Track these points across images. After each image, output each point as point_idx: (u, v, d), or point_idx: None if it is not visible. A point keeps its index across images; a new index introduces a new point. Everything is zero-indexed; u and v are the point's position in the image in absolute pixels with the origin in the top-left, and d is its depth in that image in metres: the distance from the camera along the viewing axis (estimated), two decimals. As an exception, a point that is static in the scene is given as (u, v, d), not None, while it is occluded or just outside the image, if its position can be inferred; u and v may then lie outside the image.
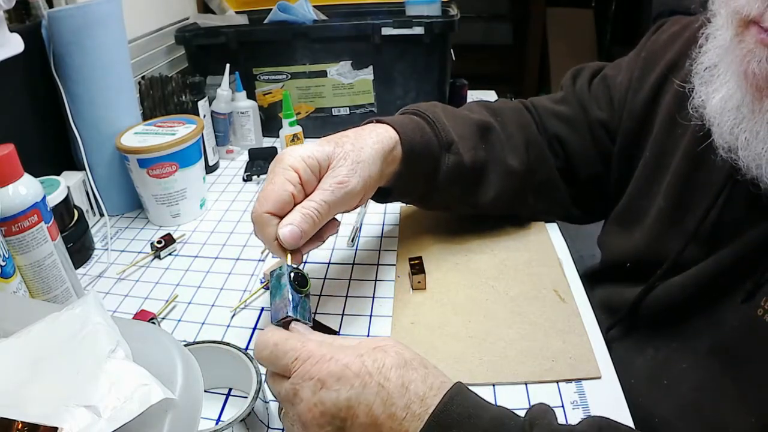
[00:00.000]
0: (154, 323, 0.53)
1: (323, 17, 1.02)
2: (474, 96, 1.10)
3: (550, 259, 0.60)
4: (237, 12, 1.12)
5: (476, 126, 0.60)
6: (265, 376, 0.40)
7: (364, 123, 0.56)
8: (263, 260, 0.64)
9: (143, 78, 0.85)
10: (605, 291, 0.60)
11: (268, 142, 0.98)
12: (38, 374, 0.29)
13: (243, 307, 0.56)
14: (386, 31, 0.90)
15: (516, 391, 0.45)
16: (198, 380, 0.32)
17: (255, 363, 0.43)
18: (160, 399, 0.28)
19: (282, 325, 0.41)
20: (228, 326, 0.54)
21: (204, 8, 1.17)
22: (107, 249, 0.68)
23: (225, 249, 0.67)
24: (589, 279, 0.63)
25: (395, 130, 0.54)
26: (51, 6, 0.73)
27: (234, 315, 0.55)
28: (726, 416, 0.42)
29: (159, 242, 0.66)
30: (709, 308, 0.46)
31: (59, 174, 0.69)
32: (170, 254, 0.66)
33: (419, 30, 0.89)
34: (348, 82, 0.96)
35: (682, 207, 0.50)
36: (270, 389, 0.40)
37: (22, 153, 0.50)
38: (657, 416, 0.47)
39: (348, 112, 0.99)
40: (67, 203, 0.64)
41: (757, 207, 0.43)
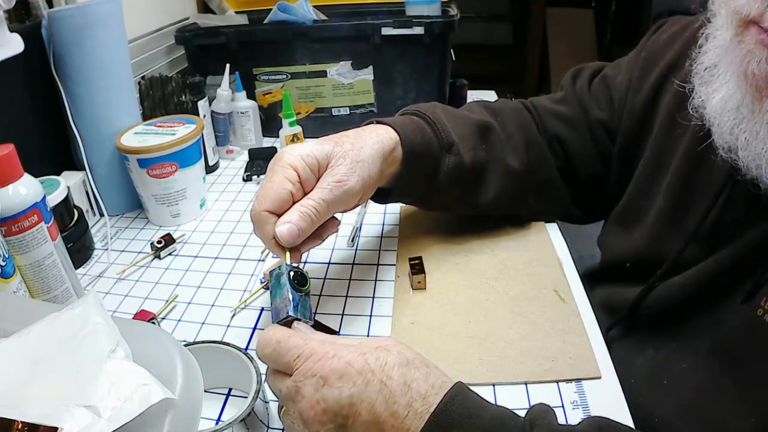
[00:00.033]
0: (154, 323, 0.53)
1: (323, 17, 1.02)
2: (474, 96, 1.10)
3: (550, 259, 0.60)
4: (237, 12, 1.12)
5: (476, 126, 0.60)
6: (265, 375, 0.40)
7: (365, 124, 0.56)
8: (263, 260, 0.64)
9: (143, 78, 0.85)
10: (605, 291, 0.60)
11: (268, 142, 0.98)
12: (38, 374, 0.29)
13: (243, 307, 0.57)
14: (386, 31, 0.90)
15: (516, 391, 0.45)
16: (198, 380, 0.32)
17: (255, 363, 0.43)
18: (160, 399, 0.28)
19: (283, 325, 0.41)
20: (228, 326, 0.54)
21: (204, 8, 1.17)
22: (107, 249, 0.68)
23: (225, 249, 0.67)
24: (589, 279, 0.63)
25: (396, 131, 0.54)
26: (51, 6, 0.73)
27: (234, 315, 0.56)
28: (726, 416, 0.42)
29: (159, 242, 0.66)
30: (709, 308, 0.46)
31: (59, 174, 0.69)
32: (170, 254, 0.66)
33: (419, 30, 0.89)
34: (348, 82, 0.96)
35: (682, 207, 0.50)
36: (270, 387, 0.40)
37: (22, 153, 0.50)
38: (657, 416, 0.47)
39: (348, 112, 0.99)
40: (67, 203, 0.64)
41: (757, 207, 0.43)
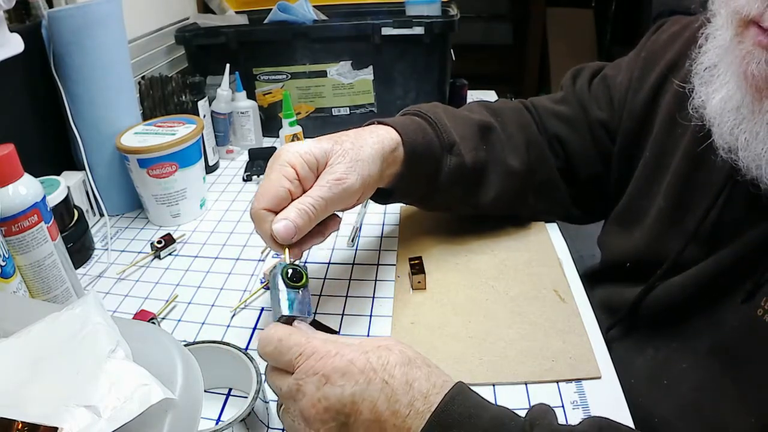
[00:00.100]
0: (154, 323, 0.53)
1: (323, 17, 1.02)
2: (474, 96, 1.10)
3: (550, 259, 0.60)
4: (237, 12, 1.12)
5: (477, 126, 0.60)
6: (265, 374, 0.40)
7: (366, 124, 0.56)
8: (263, 260, 0.64)
9: (143, 78, 0.85)
10: (605, 291, 0.60)
11: (268, 142, 0.98)
12: (38, 374, 0.29)
13: (243, 307, 0.57)
14: (386, 31, 0.90)
15: (516, 391, 0.45)
16: (198, 380, 0.32)
17: (255, 363, 0.43)
18: (160, 399, 0.28)
19: (285, 323, 0.41)
20: (228, 326, 0.54)
21: (204, 8, 1.17)
22: (107, 249, 0.68)
23: (225, 249, 0.67)
24: (589, 279, 0.63)
25: (397, 132, 0.54)
26: (51, 6, 0.73)
27: (234, 315, 0.55)
28: (726, 416, 0.42)
29: (159, 242, 0.66)
30: (709, 308, 0.46)
31: (59, 174, 0.69)
32: (170, 254, 0.66)
33: (419, 30, 0.89)
34: (348, 82, 0.96)
35: (682, 207, 0.50)
36: (270, 385, 0.39)
37: (22, 153, 0.50)
38: (657, 416, 0.47)
39: (348, 112, 0.99)
40: (67, 203, 0.64)
41: (757, 207, 0.43)
